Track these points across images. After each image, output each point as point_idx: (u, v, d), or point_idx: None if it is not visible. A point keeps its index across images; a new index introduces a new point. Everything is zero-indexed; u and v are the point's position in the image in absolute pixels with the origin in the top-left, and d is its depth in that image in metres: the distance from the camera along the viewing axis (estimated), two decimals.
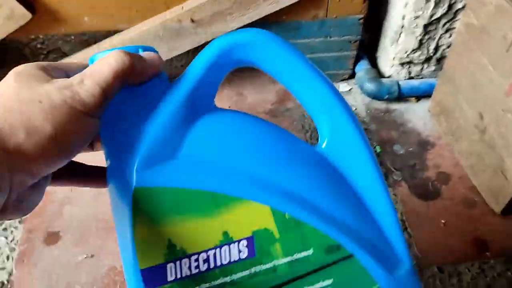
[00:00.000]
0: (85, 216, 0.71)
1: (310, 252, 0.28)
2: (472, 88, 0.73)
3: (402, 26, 0.84)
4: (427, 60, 0.90)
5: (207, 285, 0.27)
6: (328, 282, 0.29)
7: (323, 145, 0.29)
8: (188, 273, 0.27)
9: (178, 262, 0.27)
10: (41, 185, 0.26)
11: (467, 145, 0.77)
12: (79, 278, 0.63)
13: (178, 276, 0.27)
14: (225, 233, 0.27)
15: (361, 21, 0.87)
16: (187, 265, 0.27)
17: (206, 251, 0.27)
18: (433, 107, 0.88)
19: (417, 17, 0.82)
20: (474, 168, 0.76)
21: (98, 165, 0.30)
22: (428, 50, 0.88)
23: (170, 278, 0.27)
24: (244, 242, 0.27)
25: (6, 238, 0.68)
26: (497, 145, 0.68)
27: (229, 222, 0.27)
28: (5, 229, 0.69)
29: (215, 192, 0.27)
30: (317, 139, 0.30)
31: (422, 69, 0.92)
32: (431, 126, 0.87)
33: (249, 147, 0.28)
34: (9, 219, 0.25)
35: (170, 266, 0.27)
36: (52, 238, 0.68)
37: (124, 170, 0.27)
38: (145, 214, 0.26)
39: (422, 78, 0.94)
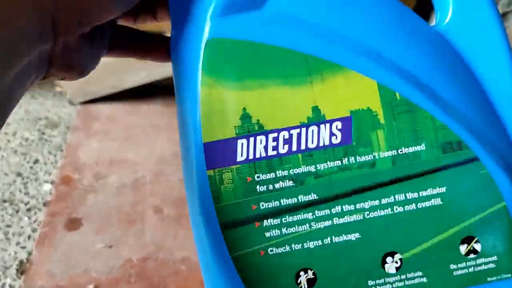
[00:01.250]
0: (108, 206, 0.72)
1: (422, 147, 0.22)
2: None
3: None
4: None
5: (284, 173, 0.22)
6: (440, 190, 0.22)
7: (445, 22, 0.23)
8: (264, 154, 0.22)
9: (252, 139, 0.21)
10: (95, 46, 0.23)
11: None
12: (96, 266, 0.63)
13: (250, 157, 0.21)
14: (316, 109, 0.22)
15: None
16: (263, 144, 0.21)
17: (289, 128, 0.21)
18: None
19: None
20: None
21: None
22: None
23: (239, 158, 0.21)
24: (338, 124, 0.22)
25: (29, 218, 0.69)
26: None
27: (322, 95, 0.21)
28: (29, 210, 0.70)
29: (310, 54, 0.21)
30: None
31: None
32: None
33: (356, 9, 0.22)
34: (61, 79, 0.22)
35: (241, 142, 0.21)
36: (73, 224, 0.69)
37: (193, 24, 0.21)
38: (217, 73, 0.21)
39: None
